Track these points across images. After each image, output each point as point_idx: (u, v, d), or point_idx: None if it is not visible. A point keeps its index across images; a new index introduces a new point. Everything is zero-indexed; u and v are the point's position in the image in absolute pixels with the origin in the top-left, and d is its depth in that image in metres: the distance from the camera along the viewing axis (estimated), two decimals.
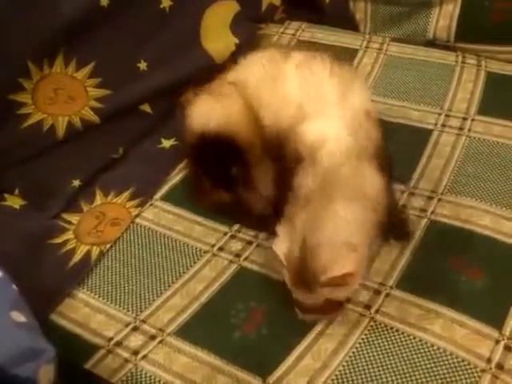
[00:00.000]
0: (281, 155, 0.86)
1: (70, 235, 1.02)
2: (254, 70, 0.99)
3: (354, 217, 0.76)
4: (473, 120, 1.12)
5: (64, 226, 1.03)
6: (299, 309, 0.82)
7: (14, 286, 0.76)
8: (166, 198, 1.07)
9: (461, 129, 1.10)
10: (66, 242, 1.01)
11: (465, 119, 1.12)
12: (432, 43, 1.32)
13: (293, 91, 0.90)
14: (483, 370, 0.77)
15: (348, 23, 1.41)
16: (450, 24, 1.29)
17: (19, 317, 0.71)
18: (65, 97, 1.13)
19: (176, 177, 1.11)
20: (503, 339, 0.80)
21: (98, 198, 1.08)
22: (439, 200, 0.98)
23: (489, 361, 0.78)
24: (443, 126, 1.11)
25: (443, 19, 1.29)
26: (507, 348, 0.79)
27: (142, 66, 1.20)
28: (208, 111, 1.00)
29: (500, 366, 0.77)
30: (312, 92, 0.88)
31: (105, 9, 1.13)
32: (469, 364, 0.78)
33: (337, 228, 0.75)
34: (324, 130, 0.83)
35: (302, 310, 0.81)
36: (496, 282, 0.86)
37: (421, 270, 0.90)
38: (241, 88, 0.97)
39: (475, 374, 0.77)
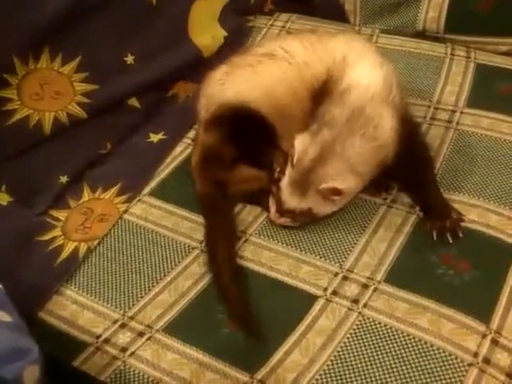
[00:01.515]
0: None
1: (57, 232, 1.01)
2: (291, 39, 1.04)
3: (366, 152, 0.88)
4: (461, 113, 1.12)
5: (51, 223, 1.03)
6: (278, 209, 0.92)
7: (0, 286, 0.76)
8: (154, 193, 1.07)
9: (449, 122, 1.10)
10: (53, 239, 1.00)
11: (453, 112, 1.12)
12: (422, 34, 1.31)
13: (337, 47, 0.97)
14: (470, 364, 0.77)
15: (338, 15, 1.40)
16: (440, 15, 1.28)
17: (4, 316, 0.70)
18: (51, 92, 1.12)
19: (164, 172, 1.11)
20: (490, 333, 0.80)
21: (86, 194, 1.08)
22: None
23: (476, 355, 0.78)
24: (432, 119, 1.11)
25: (432, 10, 1.29)
26: (494, 342, 0.79)
27: (130, 59, 1.19)
28: (245, 84, 0.99)
29: (487, 360, 0.78)
30: (354, 47, 0.98)
31: (90, 2, 1.12)
32: (456, 358, 0.78)
33: (351, 153, 0.88)
34: (361, 73, 0.93)
35: (280, 212, 0.92)
36: (483, 276, 0.87)
37: (409, 264, 0.90)
38: (284, 56, 0.99)
39: (462, 368, 0.77)
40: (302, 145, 0.88)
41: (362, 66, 0.94)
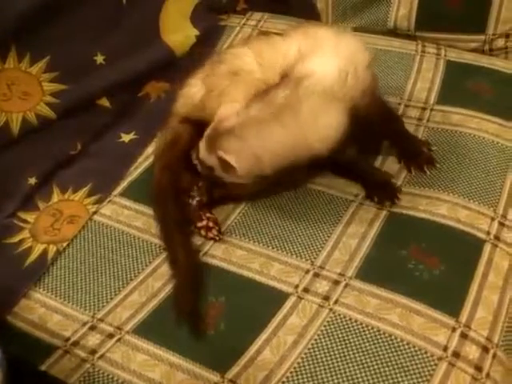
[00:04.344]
0: None
1: (25, 234, 1.00)
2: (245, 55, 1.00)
3: (281, 144, 0.87)
4: (432, 110, 1.12)
5: (20, 225, 1.01)
6: (196, 153, 0.94)
7: None
8: (125, 193, 1.06)
9: (420, 119, 1.10)
10: (21, 242, 0.99)
11: (424, 109, 1.12)
12: (393, 32, 1.32)
13: (292, 45, 0.96)
14: (440, 358, 0.78)
15: (310, 13, 1.40)
16: (410, 13, 1.29)
17: None
18: (19, 93, 1.10)
19: (135, 172, 1.09)
20: (460, 327, 0.81)
21: (55, 196, 1.06)
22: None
23: (445, 349, 0.78)
24: (403, 116, 1.11)
25: (403, 8, 1.29)
26: (463, 335, 0.80)
27: (99, 59, 1.18)
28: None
29: (456, 354, 0.78)
30: (309, 41, 0.96)
31: (59, 2, 1.10)
32: (426, 352, 0.78)
33: (263, 144, 0.86)
34: (317, 65, 0.91)
35: (196, 156, 0.94)
36: (453, 270, 0.87)
37: (380, 260, 0.90)
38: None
39: (432, 362, 0.77)
40: (228, 109, 0.88)
41: (316, 58, 0.91)
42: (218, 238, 0.95)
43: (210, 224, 0.95)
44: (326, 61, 0.91)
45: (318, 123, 0.87)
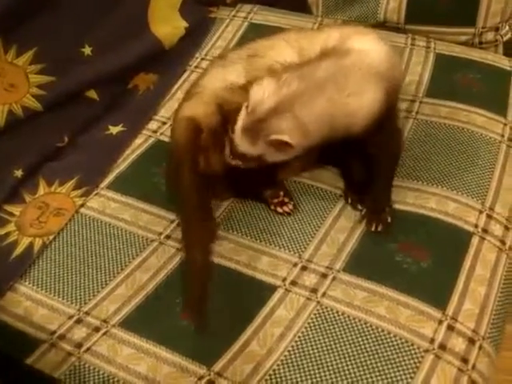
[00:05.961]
0: None
1: (11, 227, 0.99)
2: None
3: (324, 114, 0.85)
4: (421, 102, 1.12)
5: (5, 218, 1.00)
6: (231, 151, 0.89)
7: None
8: (112, 186, 1.05)
9: (409, 111, 1.10)
10: (7, 235, 0.98)
11: (413, 101, 1.12)
12: (383, 25, 1.31)
13: (333, 32, 0.96)
14: (426, 350, 0.78)
15: (300, 6, 1.40)
16: (400, 5, 1.28)
17: None
18: (5, 84, 1.09)
19: (123, 164, 1.08)
20: (446, 319, 0.81)
21: (42, 188, 1.05)
22: None
23: (432, 341, 0.79)
24: None
25: (393, 1, 1.28)
26: (450, 328, 0.80)
27: (87, 51, 1.17)
28: None
29: (443, 346, 0.78)
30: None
31: None
32: (412, 345, 0.78)
33: (308, 114, 0.84)
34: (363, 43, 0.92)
35: (233, 154, 0.89)
36: (441, 263, 0.87)
37: (368, 253, 0.90)
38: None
39: (418, 355, 0.77)
40: (260, 92, 0.85)
41: (364, 39, 0.92)
42: (291, 213, 0.95)
43: (286, 199, 0.96)
44: (373, 40, 0.92)
45: (363, 99, 0.86)
